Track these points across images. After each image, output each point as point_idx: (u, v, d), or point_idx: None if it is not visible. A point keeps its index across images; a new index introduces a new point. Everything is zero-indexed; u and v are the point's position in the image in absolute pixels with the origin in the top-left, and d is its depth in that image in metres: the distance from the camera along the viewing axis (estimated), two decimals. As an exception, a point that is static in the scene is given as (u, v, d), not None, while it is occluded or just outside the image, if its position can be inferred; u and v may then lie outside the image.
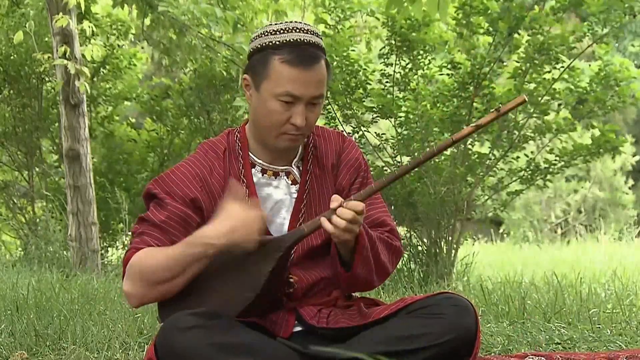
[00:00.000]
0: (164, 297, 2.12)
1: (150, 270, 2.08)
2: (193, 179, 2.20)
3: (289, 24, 2.18)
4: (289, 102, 2.14)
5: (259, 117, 2.20)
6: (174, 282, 2.08)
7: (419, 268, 5.45)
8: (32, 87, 8.02)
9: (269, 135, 2.20)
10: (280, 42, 2.14)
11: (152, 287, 2.10)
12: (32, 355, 2.90)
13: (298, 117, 2.14)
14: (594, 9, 5.49)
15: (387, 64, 5.75)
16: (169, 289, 2.10)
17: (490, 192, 6.08)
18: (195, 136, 8.05)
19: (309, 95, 2.14)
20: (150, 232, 2.16)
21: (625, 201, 17.12)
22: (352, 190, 2.27)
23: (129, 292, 2.12)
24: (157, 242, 2.14)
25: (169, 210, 2.16)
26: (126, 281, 2.13)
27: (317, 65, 2.15)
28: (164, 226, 2.15)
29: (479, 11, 5.58)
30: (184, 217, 2.16)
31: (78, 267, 6.20)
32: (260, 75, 2.16)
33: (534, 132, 5.91)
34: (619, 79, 5.79)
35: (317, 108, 2.19)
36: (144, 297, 2.13)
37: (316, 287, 2.26)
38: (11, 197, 8.30)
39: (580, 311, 3.53)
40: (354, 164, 2.32)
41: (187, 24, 6.76)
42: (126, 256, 2.14)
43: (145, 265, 2.09)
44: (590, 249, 9.67)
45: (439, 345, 2.03)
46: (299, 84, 2.13)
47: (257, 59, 2.17)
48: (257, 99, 2.19)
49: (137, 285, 2.11)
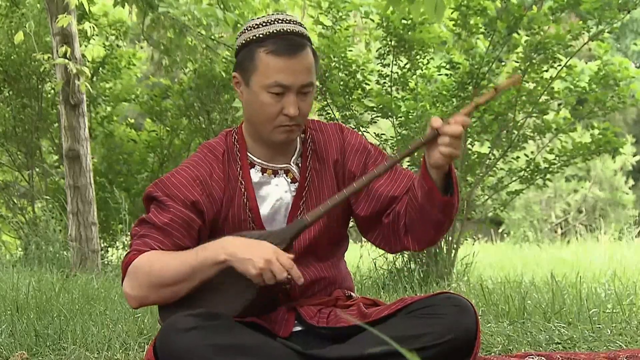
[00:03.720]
0: (165, 302, 2.12)
1: (158, 273, 2.08)
2: (194, 181, 2.20)
3: (270, 17, 2.19)
4: (280, 92, 2.14)
5: (252, 112, 2.21)
6: (180, 286, 2.08)
7: (419, 268, 5.44)
8: (32, 87, 8.02)
9: (264, 129, 2.20)
10: (264, 34, 2.15)
11: (157, 289, 2.09)
12: (32, 355, 2.90)
13: (290, 107, 2.14)
14: (587, 6, 5.48)
15: (384, 64, 5.75)
16: (172, 294, 2.10)
17: (490, 192, 6.08)
18: (195, 136, 8.05)
19: (299, 83, 2.15)
20: (153, 235, 2.15)
21: (625, 201, 17.11)
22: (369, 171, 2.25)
23: (130, 294, 2.12)
24: (159, 244, 2.14)
25: (171, 213, 2.15)
26: (127, 282, 2.12)
27: (302, 53, 2.15)
28: (167, 229, 2.15)
29: (476, 12, 5.58)
30: (187, 220, 2.16)
31: (78, 267, 6.20)
32: (248, 70, 2.17)
33: (534, 131, 5.92)
34: (619, 79, 5.79)
35: (308, 97, 2.19)
36: (145, 299, 2.13)
37: (316, 286, 2.26)
38: (11, 197, 8.30)
39: (580, 311, 3.53)
40: (358, 148, 2.32)
41: (187, 24, 6.76)
42: (127, 258, 2.13)
43: (153, 268, 2.09)
44: (590, 249, 9.67)
45: (439, 345, 2.02)
46: (287, 73, 2.13)
47: (244, 55, 2.19)
48: (248, 94, 2.19)
49: (140, 287, 2.10)
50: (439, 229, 2.18)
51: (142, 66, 9.14)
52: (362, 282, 5.04)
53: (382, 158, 2.31)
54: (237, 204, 2.23)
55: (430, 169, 2.08)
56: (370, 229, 2.31)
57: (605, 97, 5.81)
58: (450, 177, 2.10)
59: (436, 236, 2.21)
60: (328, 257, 2.30)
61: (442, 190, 2.10)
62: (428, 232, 2.18)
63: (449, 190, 2.10)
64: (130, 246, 2.18)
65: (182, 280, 2.07)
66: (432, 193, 2.09)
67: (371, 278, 5.44)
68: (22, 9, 7.78)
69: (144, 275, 2.10)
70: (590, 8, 5.50)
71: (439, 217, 2.13)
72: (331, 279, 2.29)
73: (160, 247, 2.14)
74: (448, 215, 2.14)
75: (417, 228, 2.19)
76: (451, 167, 2.10)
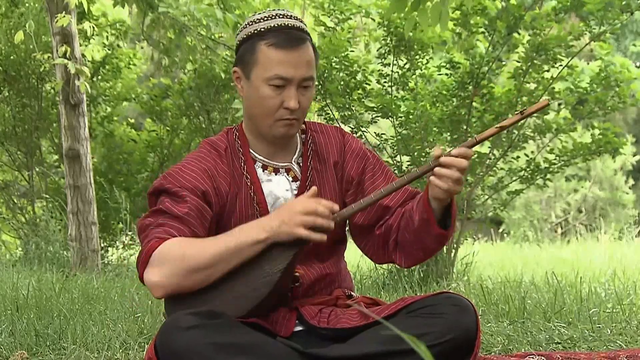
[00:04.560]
0: (196, 287, 2.05)
1: (194, 256, 2.02)
2: (203, 173, 2.19)
3: (271, 12, 2.21)
4: (280, 85, 2.15)
5: (252, 106, 2.21)
6: (214, 269, 2.03)
7: (418, 268, 5.44)
8: (32, 87, 8.02)
9: (264, 123, 2.21)
10: (265, 28, 2.16)
11: (190, 274, 2.03)
12: (33, 355, 2.90)
13: (291, 100, 2.15)
14: (591, 7, 5.49)
15: (384, 64, 5.75)
16: (205, 277, 2.04)
17: (490, 192, 6.08)
18: (195, 136, 8.06)
19: (299, 76, 2.15)
20: (171, 224, 2.10)
21: (625, 201, 17.11)
22: (366, 179, 2.28)
23: (158, 282, 2.04)
24: (179, 233, 2.09)
25: (188, 202, 2.13)
26: (155, 271, 2.04)
27: (303, 46, 2.16)
28: (186, 217, 2.11)
29: (476, 11, 5.58)
30: (202, 210, 2.15)
31: (78, 267, 6.20)
32: (249, 63, 2.18)
33: (534, 131, 5.92)
34: (619, 79, 5.79)
35: (308, 91, 2.19)
36: (176, 286, 2.05)
37: (318, 284, 2.26)
38: (11, 197, 8.30)
39: (580, 311, 3.53)
40: (358, 153, 2.34)
41: (187, 24, 6.76)
42: (150, 245, 2.06)
43: (187, 252, 2.03)
44: (591, 249, 9.67)
45: (439, 345, 2.02)
46: (288, 65, 2.14)
47: (245, 49, 2.19)
48: (249, 88, 2.20)
49: (171, 273, 2.03)
50: (429, 253, 2.24)
51: (143, 66, 9.13)
52: (362, 281, 5.04)
53: (380, 165, 2.33)
54: (244, 198, 2.22)
55: (431, 199, 2.11)
56: (361, 237, 2.33)
57: (605, 97, 5.81)
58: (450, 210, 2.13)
59: (425, 258, 2.27)
60: (329, 256, 2.31)
61: (440, 220, 2.13)
62: (418, 254, 2.23)
63: (447, 222, 2.14)
64: (146, 236, 2.11)
65: (219, 262, 2.02)
66: (429, 223, 2.13)
67: (371, 278, 5.44)
68: (21, 8, 7.78)
69: (176, 260, 2.03)
70: (594, 9, 5.50)
71: (433, 245, 2.18)
72: (333, 276, 2.30)
73: (180, 235, 2.09)
74: (441, 244, 2.20)
75: (409, 248, 2.23)
76: (452, 201, 2.13)
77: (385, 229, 2.26)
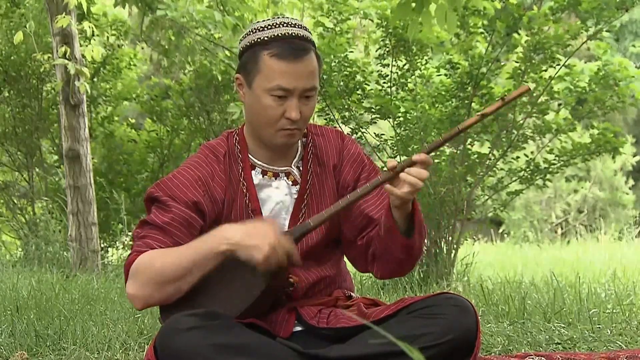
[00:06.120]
0: (171, 298, 2.10)
1: (160, 270, 2.06)
2: (195, 182, 2.19)
3: (276, 20, 2.19)
4: (282, 96, 2.14)
5: (254, 114, 2.21)
6: (182, 281, 2.06)
7: (419, 268, 5.45)
8: (32, 88, 8.02)
9: (265, 132, 2.20)
10: (269, 37, 2.15)
11: (159, 287, 2.07)
12: (33, 355, 2.90)
13: (292, 111, 2.14)
14: (586, 5, 5.48)
15: (383, 64, 5.75)
16: (176, 289, 2.08)
17: (490, 192, 6.08)
18: (195, 136, 8.06)
19: (301, 87, 2.15)
20: (153, 235, 2.14)
21: (625, 201, 17.10)
22: (359, 186, 2.26)
23: (134, 294, 2.09)
24: (159, 244, 2.13)
25: (172, 212, 2.15)
26: (131, 284, 2.11)
27: (306, 57, 2.15)
28: (168, 228, 2.14)
29: (474, 12, 5.58)
30: (188, 219, 2.15)
31: (78, 268, 6.20)
32: (251, 72, 2.17)
33: (534, 132, 5.92)
34: (618, 79, 5.79)
35: (310, 101, 2.19)
36: (150, 298, 2.10)
37: (316, 286, 2.26)
38: (11, 198, 8.30)
39: (580, 311, 3.53)
40: (356, 159, 2.33)
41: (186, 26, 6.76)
42: (129, 259, 2.12)
43: (154, 266, 2.07)
44: (591, 249, 9.67)
45: (439, 346, 2.02)
46: (290, 76, 2.13)
47: (248, 57, 2.19)
48: (251, 97, 2.19)
49: (143, 287, 2.08)
50: (402, 265, 2.22)
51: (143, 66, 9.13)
52: (362, 282, 5.04)
53: (375, 174, 2.32)
54: (239, 205, 2.23)
55: (393, 208, 2.10)
56: (347, 247, 2.33)
57: (605, 96, 5.82)
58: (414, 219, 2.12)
59: (400, 271, 2.25)
60: (328, 258, 2.31)
61: (406, 231, 2.13)
62: (390, 265, 2.22)
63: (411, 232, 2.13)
64: (132, 248, 2.17)
65: (184, 275, 2.06)
66: (392, 232, 2.13)
67: (371, 278, 5.43)
68: (22, 9, 7.78)
69: (145, 273, 2.08)
70: (589, 7, 5.50)
71: (401, 255, 2.17)
72: (331, 278, 2.30)
73: (160, 246, 2.12)
74: (409, 255, 2.17)
75: (382, 260, 2.23)
76: (416, 209, 2.12)
77: (366, 241, 2.26)
